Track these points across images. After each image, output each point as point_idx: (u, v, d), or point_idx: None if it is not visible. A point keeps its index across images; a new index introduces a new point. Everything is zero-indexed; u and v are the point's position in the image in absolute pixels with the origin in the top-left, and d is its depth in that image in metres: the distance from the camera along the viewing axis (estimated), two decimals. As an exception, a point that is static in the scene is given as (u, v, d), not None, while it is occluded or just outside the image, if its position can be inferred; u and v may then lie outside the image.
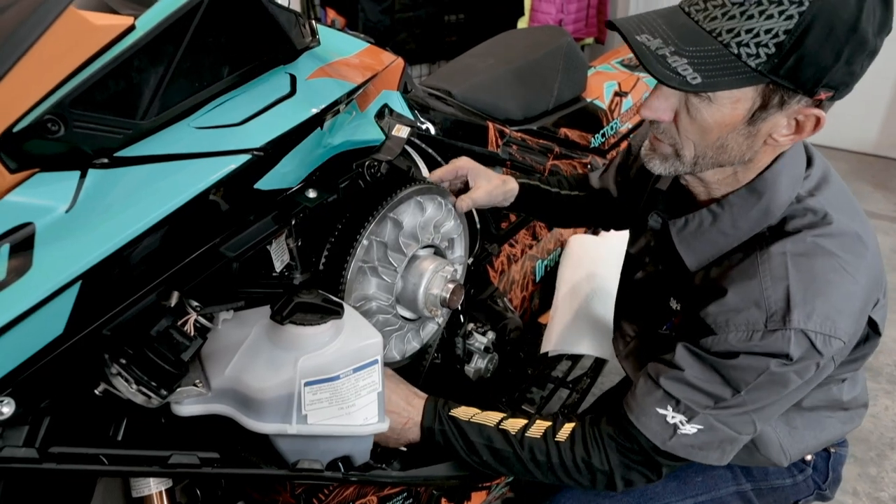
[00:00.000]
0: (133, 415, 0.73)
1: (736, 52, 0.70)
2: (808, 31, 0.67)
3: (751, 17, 0.69)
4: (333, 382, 0.75)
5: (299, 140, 0.75)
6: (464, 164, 1.07)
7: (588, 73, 1.75)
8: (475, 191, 1.07)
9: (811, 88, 0.71)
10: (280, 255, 0.89)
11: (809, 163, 0.88)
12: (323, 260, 0.93)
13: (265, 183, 0.73)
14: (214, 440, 0.76)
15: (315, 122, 0.75)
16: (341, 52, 0.92)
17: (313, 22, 0.87)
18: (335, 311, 0.75)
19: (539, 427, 0.92)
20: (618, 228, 1.31)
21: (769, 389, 0.80)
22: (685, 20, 0.73)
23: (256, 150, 0.69)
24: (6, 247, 0.57)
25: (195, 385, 0.73)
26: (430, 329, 1.12)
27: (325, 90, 0.78)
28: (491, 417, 0.94)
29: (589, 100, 1.66)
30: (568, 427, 0.91)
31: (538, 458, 0.90)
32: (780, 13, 0.68)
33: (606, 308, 1.50)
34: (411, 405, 0.95)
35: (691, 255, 0.89)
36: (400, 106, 1.09)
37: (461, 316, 1.24)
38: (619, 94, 1.75)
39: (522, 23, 3.59)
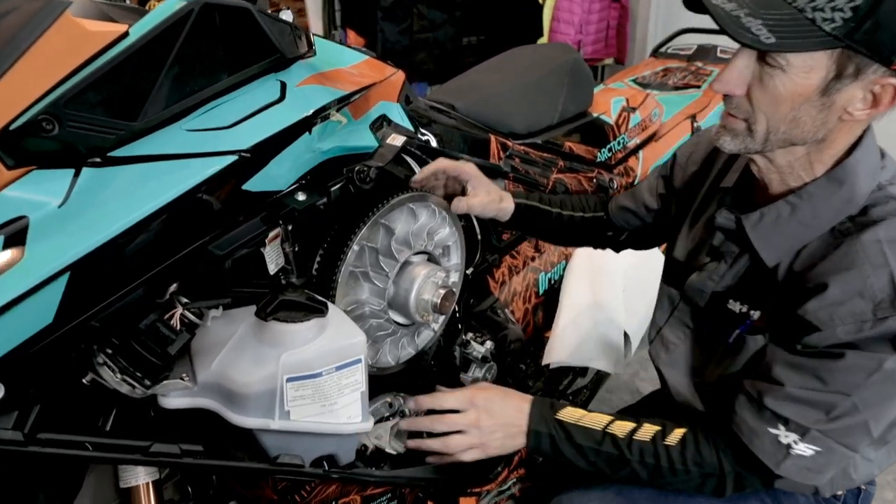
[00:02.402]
0: (122, 406, 0.76)
1: (811, 16, 0.69)
2: None
3: None
4: (316, 379, 0.76)
5: (287, 143, 0.77)
6: (468, 170, 1.06)
7: (595, 90, 1.77)
8: (472, 197, 1.07)
9: (888, 56, 0.70)
10: (275, 258, 0.92)
11: (882, 154, 0.86)
12: (315, 265, 0.95)
13: (254, 184, 0.76)
14: (202, 434, 0.78)
15: (303, 126, 0.78)
16: (337, 62, 0.95)
17: (310, 33, 0.90)
18: (318, 310, 0.77)
19: (647, 431, 0.92)
20: (636, 247, 1.29)
21: (882, 388, 0.77)
22: None
23: (243, 151, 0.71)
24: (0, 238, 0.60)
25: (182, 378, 0.75)
26: (426, 336, 1.14)
27: (314, 96, 0.81)
28: (598, 420, 0.93)
29: (595, 115, 1.67)
30: (678, 432, 0.91)
31: (647, 461, 0.90)
32: None
33: (611, 320, 1.50)
34: (521, 412, 0.95)
35: (769, 250, 0.86)
36: (399, 117, 1.12)
37: (459, 325, 1.25)
38: (627, 109, 1.75)
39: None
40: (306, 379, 0.76)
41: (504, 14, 3.74)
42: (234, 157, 0.71)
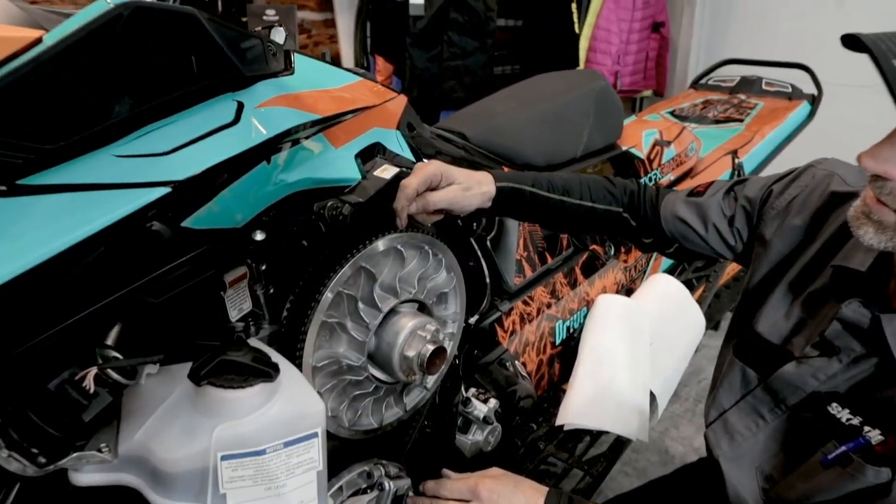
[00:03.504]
0: (28, 480, 0.64)
1: None
2: None
3: None
4: (259, 457, 0.63)
5: (238, 174, 0.66)
6: (435, 168, 0.86)
7: (626, 121, 1.63)
8: (435, 193, 0.86)
9: None
10: (238, 303, 0.80)
11: None
12: (285, 313, 0.83)
13: (197, 221, 0.65)
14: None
15: (259, 154, 0.67)
16: (319, 83, 0.84)
17: (290, 51, 0.79)
18: (266, 373, 0.64)
19: None
20: (674, 257, 1.09)
21: None
22: None
23: (177, 182, 0.60)
24: None
25: (100, 450, 0.63)
26: (417, 394, 1.00)
27: (275, 120, 0.69)
28: None
29: (625, 148, 1.53)
30: None
31: None
32: None
33: (636, 378, 1.33)
34: (539, 493, 0.85)
35: None
36: (398, 146, 1.00)
37: (460, 380, 1.11)
38: (661, 142, 1.61)
39: (576, 74, 3.50)
40: (246, 457, 0.63)
41: (539, 43, 3.65)
42: (165, 190, 0.59)
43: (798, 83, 2.33)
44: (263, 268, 0.82)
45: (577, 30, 3.57)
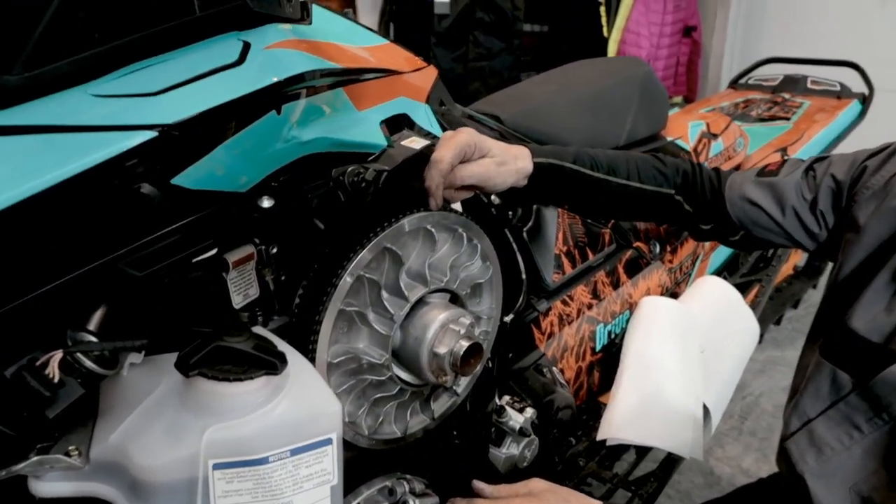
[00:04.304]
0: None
1: None
2: None
3: None
4: (259, 468, 0.52)
5: (243, 124, 0.55)
6: (468, 138, 0.75)
7: (669, 112, 1.51)
8: (466, 166, 0.76)
9: None
10: (243, 288, 0.69)
11: None
12: (297, 299, 0.72)
13: (190, 180, 0.54)
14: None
15: (265, 100, 0.56)
16: (340, 38, 0.73)
17: (309, 3, 0.68)
18: (269, 364, 0.52)
19: None
20: (737, 246, 0.96)
21: None
22: None
23: (165, 126, 0.49)
24: None
25: (67, 454, 0.52)
26: (445, 400, 0.88)
27: (287, 62, 0.58)
28: None
29: (670, 138, 1.41)
30: None
31: None
32: None
33: (687, 389, 1.20)
34: None
35: None
36: (428, 121, 0.89)
37: (493, 386, 0.99)
38: (708, 135, 1.48)
39: (605, 78, 3.39)
40: (244, 466, 0.51)
41: (566, 46, 3.54)
42: (150, 134, 0.48)
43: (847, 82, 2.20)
44: (274, 251, 0.71)
45: (605, 33, 3.47)
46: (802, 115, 2.05)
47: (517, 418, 0.97)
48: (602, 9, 3.43)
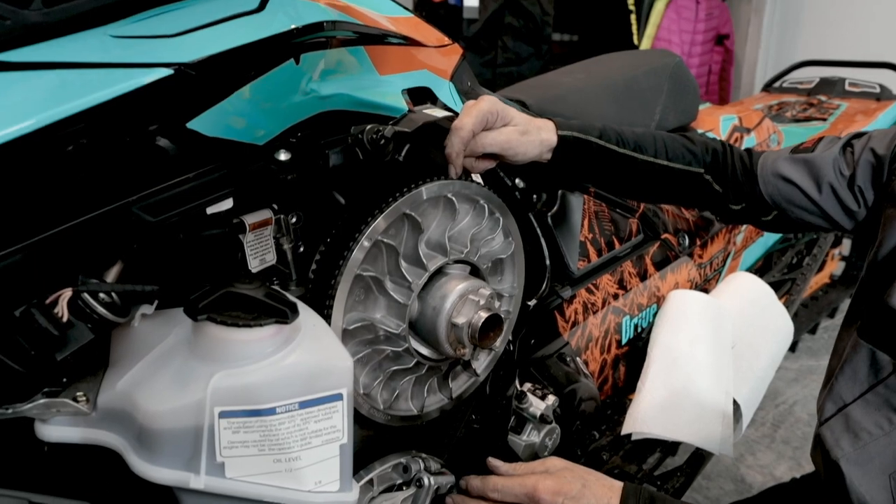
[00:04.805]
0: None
1: None
2: None
3: None
4: (266, 418, 0.50)
5: (261, 70, 0.54)
6: (490, 105, 0.73)
7: (700, 106, 1.48)
8: (488, 133, 0.73)
9: None
10: (260, 252, 0.68)
11: None
12: (313, 265, 0.71)
13: (206, 125, 0.53)
14: (94, 486, 0.53)
15: (283, 47, 0.55)
16: (365, 4, 0.73)
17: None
18: (280, 312, 0.51)
19: None
20: (768, 227, 0.93)
21: None
22: None
23: (181, 65, 0.48)
24: None
25: (75, 399, 0.51)
26: (464, 379, 0.86)
27: (307, 11, 0.57)
28: None
29: (700, 131, 1.37)
30: None
31: None
32: None
33: (717, 384, 1.15)
34: (612, 491, 0.74)
35: None
36: (451, 99, 0.88)
37: (514, 370, 0.96)
38: (740, 129, 1.45)
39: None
40: (251, 416, 0.50)
41: (596, 52, 3.52)
42: (167, 72, 0.48)
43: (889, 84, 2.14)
44: (293, 220, 0.70)
45: (635, 41, 3.43)
46: (840, 115, 2.00)
47: (538, 405, 0.94)
48: (633, 17, 3.40)
